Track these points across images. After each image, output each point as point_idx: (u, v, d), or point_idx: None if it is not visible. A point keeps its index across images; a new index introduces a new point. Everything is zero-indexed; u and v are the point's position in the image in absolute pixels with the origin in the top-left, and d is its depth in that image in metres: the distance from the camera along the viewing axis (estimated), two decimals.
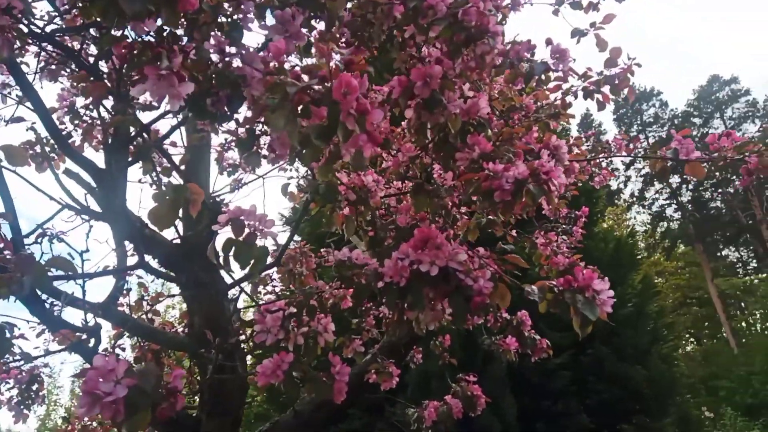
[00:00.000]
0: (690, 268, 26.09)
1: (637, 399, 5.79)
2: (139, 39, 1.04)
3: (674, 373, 6.75)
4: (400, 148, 1.97)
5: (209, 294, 2.32)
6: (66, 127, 2.59)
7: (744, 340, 21.82)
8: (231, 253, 1.49)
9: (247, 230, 1.50)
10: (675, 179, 28.39)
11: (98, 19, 1.39)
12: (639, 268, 8.10)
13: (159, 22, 1.25)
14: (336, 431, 5.18)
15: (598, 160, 3.75)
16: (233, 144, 2.68)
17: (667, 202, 28.97)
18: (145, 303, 2.91)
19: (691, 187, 28.56)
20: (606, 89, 1.87)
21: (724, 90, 28.55)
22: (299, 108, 1.06)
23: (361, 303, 1.60)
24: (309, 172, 1.98)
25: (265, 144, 1.77)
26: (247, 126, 1.58)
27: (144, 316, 2.80)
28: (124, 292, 2.70)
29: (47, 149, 2.86)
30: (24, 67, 2.73)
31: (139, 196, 4.30)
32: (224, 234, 1.52)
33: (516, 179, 1.40)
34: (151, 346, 2.78)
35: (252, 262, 1.49)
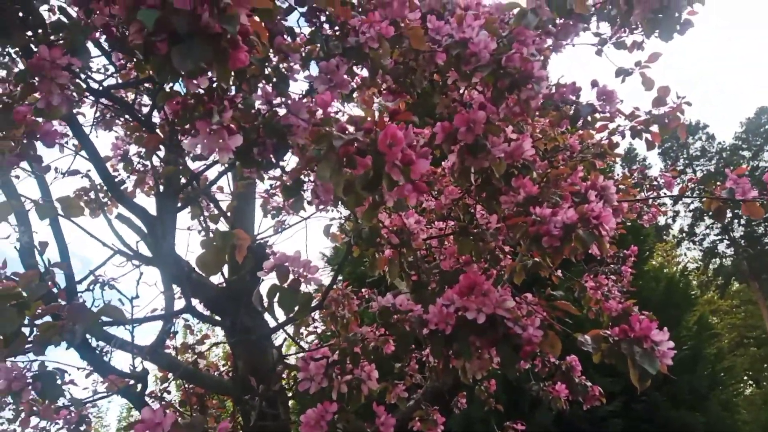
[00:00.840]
0: (746, 307, 24.82)
1: None
2: (191, 94, 1.07)
3: (736, 421, 6.31)
4: (442, 190, 1.96)
5: (252, 339, 2.32)
6: (119, 175, 2.69)
7: None
8: (275, 299, 1.49)
9: (291, 276, 1.50)
10: (726, 214, 27.29)
11: (151, 74, 1.45)
12: (694, 308, 7.72)
13: (210, 75, 1.29)
14: None
15: (646, 197, 3.65)
16: (278, 190, 2.72)
17: (719, 237, 27.86)
18: (190, 346, 2.94)
19: (743, 222, 27.46)
20: (655, 128, 1.82)
21: None
22: (345, 159, 1.07)
23: (406, 350, 1.56)
24: (352, 214, 1.98)
25: (308, 189, 1.79)
26: (294, 175, 1.60)
27: (189, 359, 2.82)
28: (171, 335, 2.73)
29: (101, 195, 2.98)
30: (80, 118, 2.87)
31: (187, 241, 4.38)
32: (269, 279, 1.53)
33: (564, 224, 1.37)
34: (196, 389, 2.79)
35: (297, 308, 1.49)
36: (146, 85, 2.09)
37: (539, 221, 1.38)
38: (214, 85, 1.43)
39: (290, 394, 2.67)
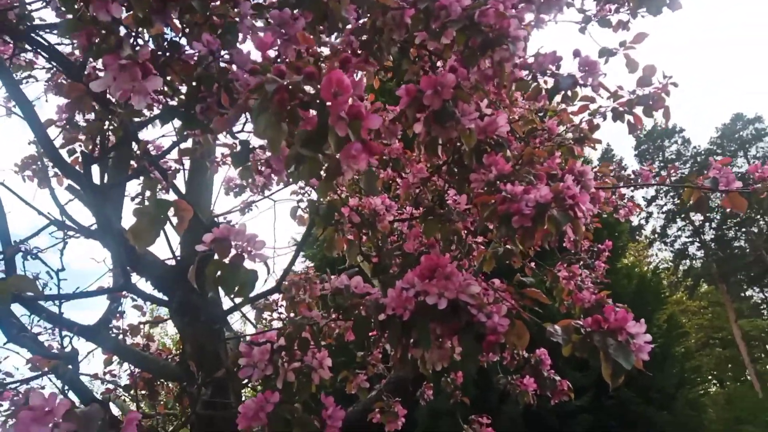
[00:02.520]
0: (713, 308, 25.34)
1: None
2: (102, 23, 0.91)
3: (702, 420, 6.34)
4: (411, 170, 1.82)
5: (201, 320, 2.15)
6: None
7: None
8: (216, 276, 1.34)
9: (233, 251, 1.35)
10: (698, 217, 27.80)
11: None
12: (664, 306, 7.75)
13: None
14: None
15: (622, 192, 3.56)
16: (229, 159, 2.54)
17: (690, 240, 28.34)
18: (142, 327, 2.76)
19: (714, 225, 27.96)
20: (639, 110, 1.70)
21: (748, 129, 28.07)
22: (286, 111, 0.92)
23: (363, 337, 1.42)
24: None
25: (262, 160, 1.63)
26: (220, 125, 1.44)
27: (140, 342, 2.64)
28: (118, 315, 2.56)
29: (49, 165, 2.77)
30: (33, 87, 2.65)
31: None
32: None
33: (537, 203, 1.23)
34: (144, 374, 2.62)
35: (238, 287, 1.34)
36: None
37: (510, 199, 1.25)
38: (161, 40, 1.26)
39: (246, 382, 2.52)
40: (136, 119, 1.48)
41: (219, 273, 1.33)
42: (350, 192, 2.65)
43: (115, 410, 3.04)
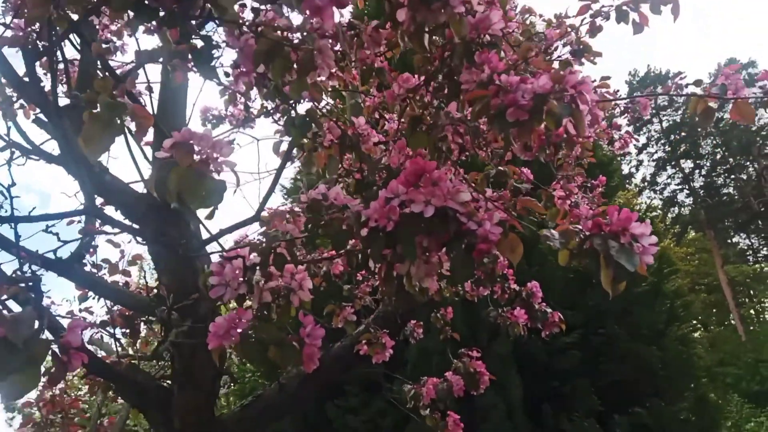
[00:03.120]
0: (700, 255, 25.69)
1: (651, 381, 5.48)
2: None
3: (692, 356, 6.43)
4: (397, 80, 1.67)
5: (179, 253, 2.04)
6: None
7: (752, 328, 21.52)
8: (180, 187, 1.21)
9: (197, 157, 1.21)
10: (688, 164, 27.83)
11: None
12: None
13: None
14: (331, 408, 4.96)
15: (618, 123, 3.43)
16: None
17: (679, 187, 28.44)
18: (120, 263, 2.64)
19: (704, 172, 28.02)
20: (645, 7, 1.55)
21: (741, 74, 27.76)
22: None
23: (341, 248, 1.30)
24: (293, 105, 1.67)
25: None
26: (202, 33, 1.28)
27: (118, 280, 2.53)
28: (91, 250, 2.43)
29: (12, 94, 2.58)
30: None
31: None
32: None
33: (535, 93, 1.10)
34: (122, 310, 2.52)
35: (202, 197, 1.21)
36: None
37: (505, 90, 1.11)
38: None
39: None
40: (82, 6, 1.31)
41: (181, 182, 1.20)
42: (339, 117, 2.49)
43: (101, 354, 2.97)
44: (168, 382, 2.39)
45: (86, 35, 2.06)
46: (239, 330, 1.19)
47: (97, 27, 2.34)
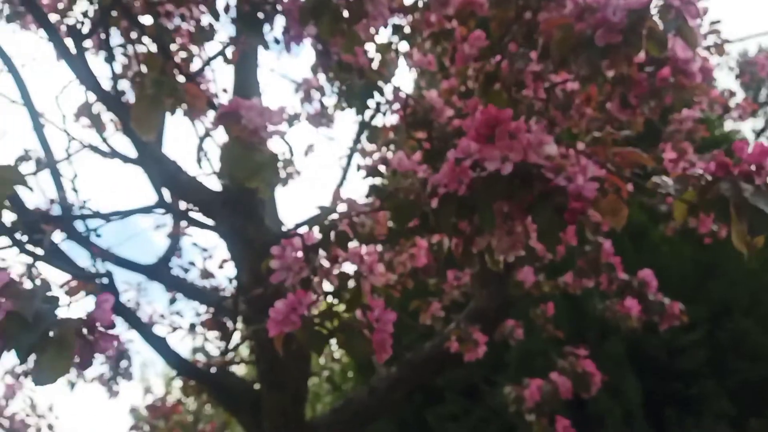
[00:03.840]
0: None
1: None
2: None
3: None
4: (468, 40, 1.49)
5: (255, 247, 1.98)
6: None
7: None
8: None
9: (245, 128, 1.12)
10: None
11: None
12: None
13: None
14: (431, 415, 4.77)
15: (733, 90, 3.04)
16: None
17: None
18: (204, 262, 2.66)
19: None
20: None
21: None
22: None
23: (404, 225, 1.15)
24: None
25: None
26: None
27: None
28: (177, 253, 2.46)
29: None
30: None
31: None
32: None
33: (630, 9, 0.89)
34: (209, 310, 2.53)
35: (254, 172, 1.11)
36: None
37: (591, 9, 0.91)
38: None
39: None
40: None
41: (230, 156, 1.11)
42: None
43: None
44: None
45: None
46: (300, 314, 1.07)
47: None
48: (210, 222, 2.00)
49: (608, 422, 4.27)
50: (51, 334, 0.71)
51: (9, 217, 1.30)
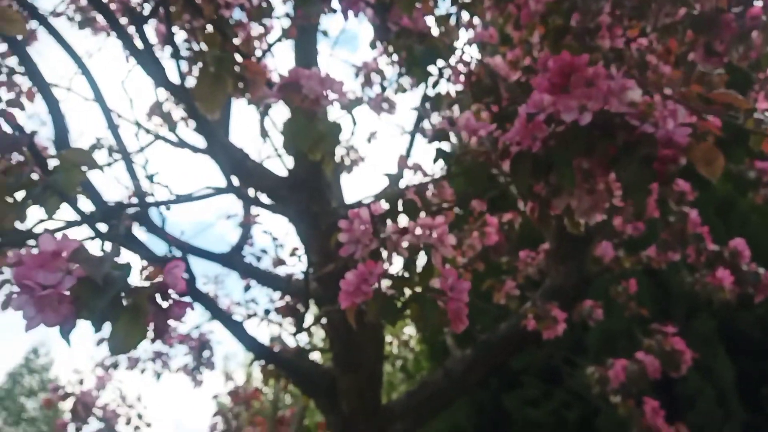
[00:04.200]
0: None
1: None
2: None
3: None
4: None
5: (323, 229, 1.98)
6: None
7: None
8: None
9: (305, 97, 1.10)
10: None
11: None
12: None
13: None
14: (509, 400, 4.66)
15: None
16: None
17: None
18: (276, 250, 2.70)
19: None
20: None
21: None
22: None
23: (479, 189, 1.09)
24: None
25: None
26: None
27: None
28: (248, 241, 2.50)
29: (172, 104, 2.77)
30: None
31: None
32: None
33: None
34: (283, 296, 2.56)
35: (316, 142, 1.09)
36: None
37: None
38: None
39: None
40: None
41: (291, 127, 1.09)
42: None
43: None
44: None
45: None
46: (371, 285, 1.04)
47: None
48: (278, 206, 2.01)
49: (699, 403, 4.02)
50: (124, 301, 0.71)
51: (86, 205, 1.34)
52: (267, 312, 2.47)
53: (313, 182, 2.03)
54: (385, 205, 1.16)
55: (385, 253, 1.21)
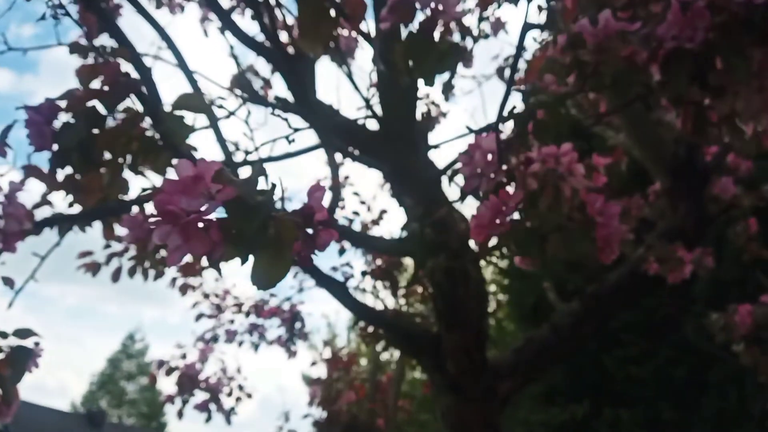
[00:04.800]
0: None
1: None
2: None
3: None
4: None
5: (419, 180, 1.89)
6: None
7: None
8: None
9: (421, 16, 1.00)
10: None
11: None
12: None
13: None
14: (609, 360, 4.46)
15: None
16: None
17: None
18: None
19: None
20: None
21: None
22: None
23: (627, 95, 0.95)
24: None
25: None
26: None
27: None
28: (339, 203, 2.46)
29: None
30: None
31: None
32: None
33: None
34: (384, 259, 2.51)
35: (435, 63, 0.99)
36: None
37: None
38: None
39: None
40: None
41: (407, 50, 0.99)
42: None
43: None
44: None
45: None
46: (508, 215, 0.94)
47: None
48: (372, 161, 1.94)
49: None
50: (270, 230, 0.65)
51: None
52: (363, 273, 2.43)
53: (406, 134, 1.94)
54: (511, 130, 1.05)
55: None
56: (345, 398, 3.00)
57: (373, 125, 2.02)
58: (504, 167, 1.05)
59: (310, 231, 0.68)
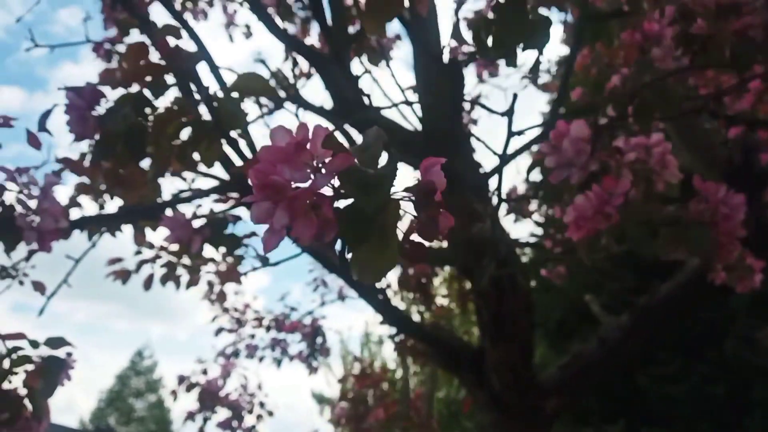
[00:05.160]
0: None
1: None
2: None
3: None
4: None
5: (465, 182, 1.78)
6: None
7: None
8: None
9: None
10: None
11: None
12: None
13: None
14: (643, 378, 4.27)
15: None
16: None
17: None
18: None
19: None
20: None
21: None
22: None
23: (746, 65, 0.83)
24: None
25: None
26: None
27: None
28: None
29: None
30: None
31: None
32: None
33: None
34: (416, 269, 2.39)
35: (527, 35, 0.89)
36: None
37: None
38: None
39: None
40: None
41: (498, 23, 0.89)
42: None
43: None
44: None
45: None
46: (616, 206, 0.82)
47: None
48: (413, 161, 1.84)
49: None
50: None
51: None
52: (400, 283, 2.31)
53: (450, 134, 1.83)
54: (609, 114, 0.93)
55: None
56: (374, 416, 2.86)
57: (413, 125, 1.92)
58: (596, 157, 0.94)
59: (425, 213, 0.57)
